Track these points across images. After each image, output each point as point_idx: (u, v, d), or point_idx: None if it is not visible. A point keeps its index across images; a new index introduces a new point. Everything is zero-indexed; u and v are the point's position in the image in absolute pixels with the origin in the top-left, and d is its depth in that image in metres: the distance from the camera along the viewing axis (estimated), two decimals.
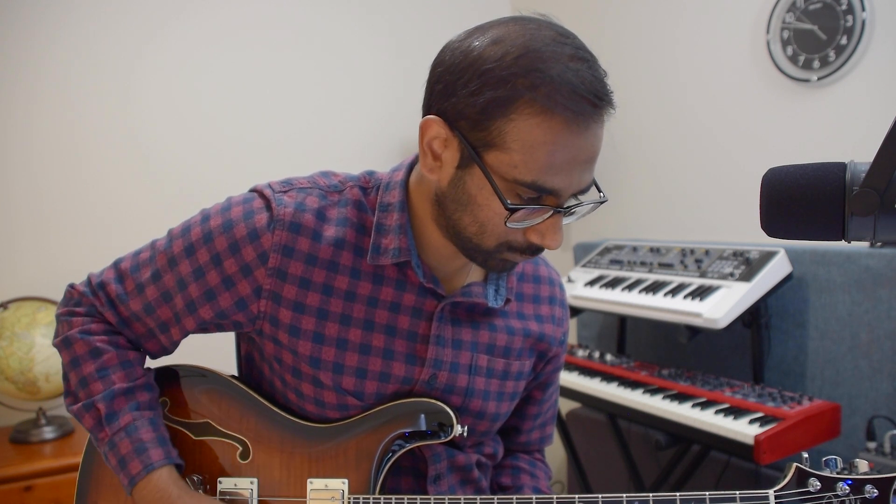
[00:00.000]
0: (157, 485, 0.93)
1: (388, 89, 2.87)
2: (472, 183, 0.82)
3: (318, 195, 0.96)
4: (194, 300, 0.95)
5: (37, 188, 2.24)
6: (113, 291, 0.99)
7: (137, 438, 0.94)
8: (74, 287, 1.02)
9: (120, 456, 0.94)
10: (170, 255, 0.96)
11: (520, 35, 0.78)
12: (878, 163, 0.57)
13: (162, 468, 0.94)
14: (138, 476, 0.93)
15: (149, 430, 0.95)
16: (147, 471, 0.93)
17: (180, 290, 0.95)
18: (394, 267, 0.96)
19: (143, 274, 0.98)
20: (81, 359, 0.97)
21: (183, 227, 0.97)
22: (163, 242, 0.98)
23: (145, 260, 0.99)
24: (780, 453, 1.59)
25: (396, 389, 0.98)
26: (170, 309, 0.97)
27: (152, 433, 0.95)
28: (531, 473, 1.15)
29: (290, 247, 0.92)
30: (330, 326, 0.95)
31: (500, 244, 0.86)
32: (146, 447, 0.94)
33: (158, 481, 0.93)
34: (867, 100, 1.98)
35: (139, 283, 0.98)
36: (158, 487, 0.93)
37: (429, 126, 0.84)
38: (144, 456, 0.93)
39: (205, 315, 0.96)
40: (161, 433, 0.97)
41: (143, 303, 0.98)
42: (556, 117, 0.76)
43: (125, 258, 1.01)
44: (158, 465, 0.93)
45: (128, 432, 0.94)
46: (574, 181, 0.81)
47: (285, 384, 0.99)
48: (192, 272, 0.94)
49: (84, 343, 0.97)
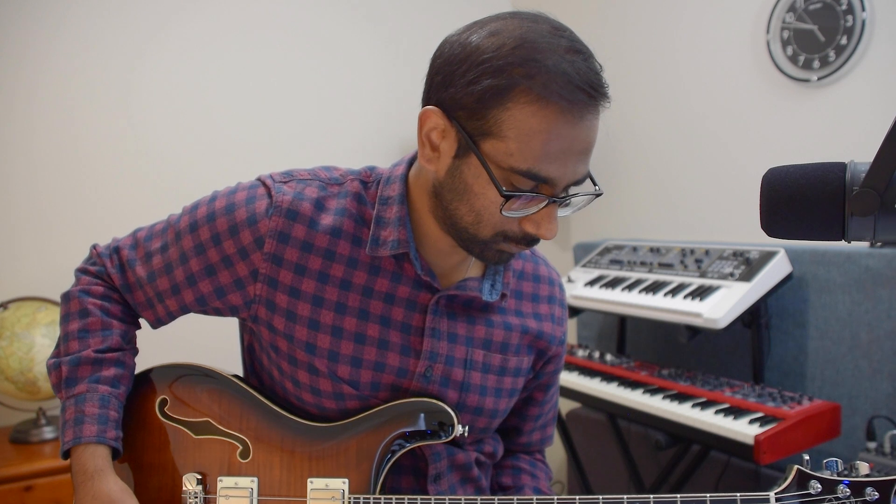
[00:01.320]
0: (81, 458, 0.94)
1: (387, 88, 2.87)
2: (468, 172, 0.83)
3: (317, 186, 0.98)
4: (194, 273, 0.98)
5: (37, 188, 2.24)
6: (125, 256, 1.03)
7: (80, 409, 0.95)
8: (96, 247, 1.07)
9: (63, 420, 0.96)
10: (177, 230, 1.00)
11: (517, 28, 0.80)
12: (878, 163, 0.57)
13: (92, 445, 0.94)
14: (67, 444, 0.94)
15: (94, 406, 0.96)
16: (74, 443, 0.94)
17: (181, 264, 0.98)
18: (391, 259, 0.97)
19: (154, 244, 1.02)
20: (71, 316, 1.02)
21: (193, 205, 1.01)
22: (175, 217, 1.03)
23: (158, 231, 1.03)
24: (780, 453, 1.59)
25: (392, 381, 0.98)
26: (169, 280, 1.00)
27: (97, 409, 0.96)
28: (532, 474, 1.16)
29: (286, 233, 0.94)
30: (325, 314, 0.96)
31: (496, 234, 0.87)
32: (83, 420, 0.95)
33: (83, 456, 0.94)
34: (867, 100, 1.98)
35: (148, 251, 1.02)
36: (81, 461, 0.94)
37: (427, 117, 0.85)
38: (78, 428, 0.94)
39: (204, 289, 0.98)
40: (106, 412, 0.96)
41: (147, 271, 1.01)
42: (551, 106, 0.78)
43: (143, 228, 1.06)
44: (86, 441, 0.94)
45: (77, 401, 0.96)
46: (569, 171, 0.82)
47: (282, 373, 1.00)
48: (193, 247, 0.98)
49: (78, 302, 1.02)
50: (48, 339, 1.98)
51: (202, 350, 1.43)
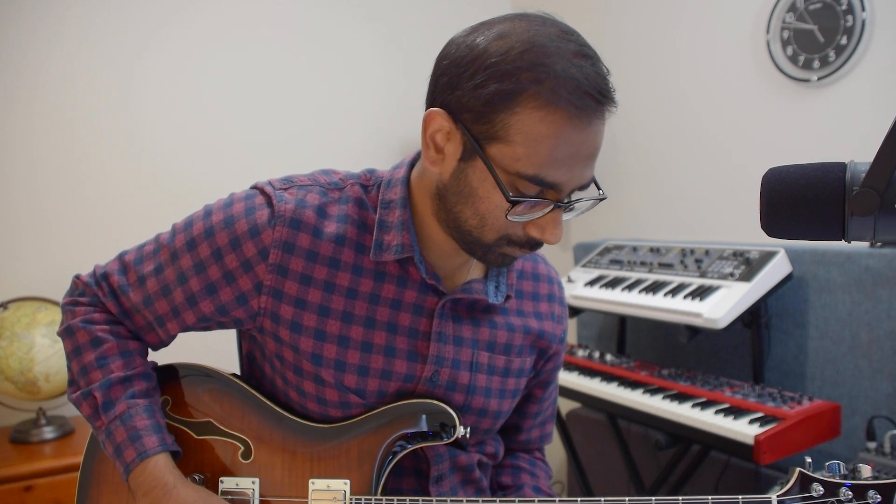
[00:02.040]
0: (153, 472, 0.93)
1: (387, 88, 2.87)
2: (474, 176, 0.83)
3: (318, 192, 0.96)
4: (195, 294, 0.95)
5: (37, 188, 2.24)
6: (115, 282, 1.00)
7: (132, 426, 0.95)
8: (80, 277, 1.04)
9: (116, 444, 0.95)
10: (172, 250, 0.97)
11: (525, 31, 0.79)
12: (878, 163, 0.57)
13: (157, 455, 0.94)
14: (133, 464, 0.93)
15: (143, 418, 0.96)
16: (141, 458, 0.93)
17: (181, 284, 0.96)
18: (395, 264, 0.96)
19: (146, 267, 0.99)
20: (83, 347, 0.99)
21: (186, 222, 0.98)
22: (166, 236, 0.99)
23: (149, 253, 1.00)
24: (780, 453, 1.59)
25: (399, 387, 0.98)
26: (168, 303, 0.97)
27: (147, 421, 0.96)
28: (531, 472, 1.16)
29: (291, 243, 0.93)
30: (331, 324, 0.95)
31: (500, 238, 0.86)
32: (140, 435, 0.94)
33: (154, 469, 0.93)
34: (867, 100, 1.98)
35: (141, 275, 0.99)
36: (153, 475, 0.93)
37: (432, 118, 0.84)
38: (139, 444, 0.94)
39: (205, 309, 0.96)
40: (156, 420, 0.97)
41: (143, 295, 0.98)
42: (559, 111, 0.77)
43: (130, 251, 1.02)
44: (153, 453, 0.94)
45: (123, 420, 0.95)
46: (575, 176, 0.81)
47: (286, 382, 0.99)
48: (192, 266, 0.95)
49: (86, 332, 0.99)
50: (48, 339, 1.98)
51: (202, 350, 1.43)
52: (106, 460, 1.03)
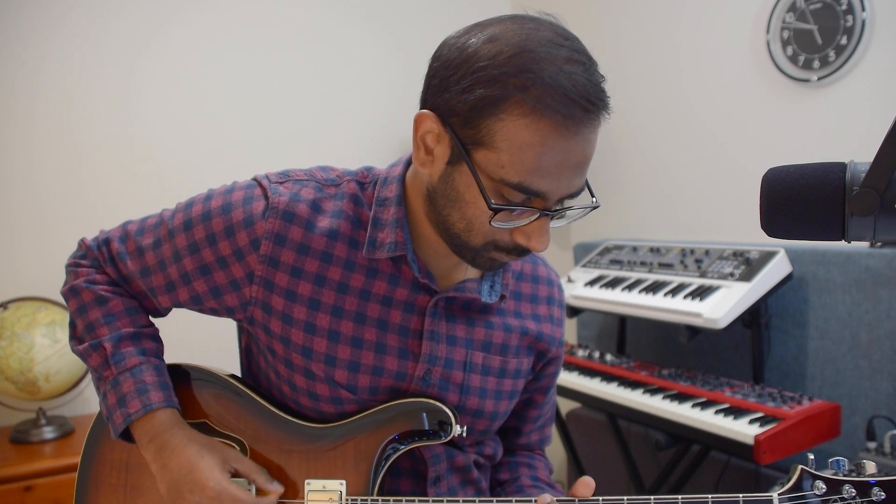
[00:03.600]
0: (161, 420, 0.96)
1: (387, 88, 2.87)
2: (460, 180, 0.82)
3: (314, 187, 0.97)
4: (188, 272, 0.97)
5: (37, 188, 2.24)
6: (115, 249, 1.03)
7: (140, 380, 0.97)
8: (84, 240, 1.07)
9: (121, 394, 0.97)
10: (170, 227, 0.99)
11: (516, 34, 0.78)
12: (878, 163, 0.57)
13: (162, 410, 0.97)
14: (136, 414, 0.95)
15: (152, 375, 0.99)
16: (145, 410, 0.96)
17: (175, 262, 0.98)
18: (388, 261, 0.96)
19: (145, 239, 1.02)
20: (88, 306, 1.02)
21: (187, 202, 1.00)
22: (168, 213, 1.02)
23: (150, 226, 1.03)
24: (780, 453, 1.59)
25: (391, 385, 0.98)
26: (163, 277, 1.00)
27: (155, 377, 0.99)
28: (529, 465, 1.15)
29: (283, 235, 0.93)
30: (321, 317, 0.95)
31: (487, 243, 0.86)
32: (147, 388, 0.97)
33: (159, 423, 0.96)
34: (867, 100, 1.98)
35: (139, 246, 1.01)
36: (162, 422, 0.96)
37: (422, 120, 0.84)
38: (145, 397, 0.96)
39: (199, 288, 0.98)
40: (164, 379, 1.00)
41: (140, 266, 1.01)
42: (544, 120, 0.76)
43: (134, 221, 1.05)
44: (157, 407, 0.96)
45: (133, 373, 0.98)
46: (562, 185, 0.80)
47: (279, 376, 1.00)
48: (187, 246, 0.97)
49: (90, 291, 1.02)
50: (48, 339, 1.98)
51: (200, 350, 1.43)
52: (104, 461, 1.03)
